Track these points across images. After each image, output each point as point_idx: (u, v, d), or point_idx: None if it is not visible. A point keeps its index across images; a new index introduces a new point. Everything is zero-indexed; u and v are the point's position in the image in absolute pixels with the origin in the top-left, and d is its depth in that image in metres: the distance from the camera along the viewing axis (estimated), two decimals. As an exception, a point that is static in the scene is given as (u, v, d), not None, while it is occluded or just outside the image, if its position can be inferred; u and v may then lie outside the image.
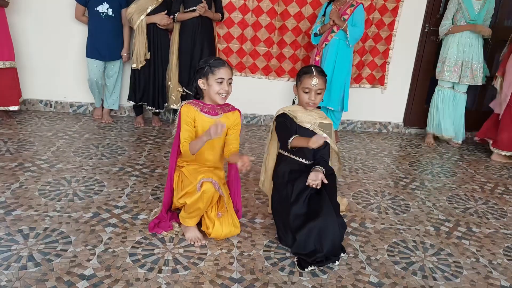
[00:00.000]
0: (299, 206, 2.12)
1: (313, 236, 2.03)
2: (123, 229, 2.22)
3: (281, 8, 4.00)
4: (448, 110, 4.12)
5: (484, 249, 2.37)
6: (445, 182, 3.30)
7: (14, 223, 2.19)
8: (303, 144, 2.09)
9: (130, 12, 3.63)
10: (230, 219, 2.20)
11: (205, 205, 2.08)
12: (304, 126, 2.23)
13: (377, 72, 4.34)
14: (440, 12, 4.22)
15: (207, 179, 2.04)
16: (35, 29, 3.94)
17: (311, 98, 2.22)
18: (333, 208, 2.08)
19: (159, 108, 3.95)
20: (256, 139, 3.94)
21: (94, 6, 3.65)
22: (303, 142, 2.08)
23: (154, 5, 3.64)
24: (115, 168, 2.99)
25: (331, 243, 2.02)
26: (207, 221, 2.17)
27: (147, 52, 3.74)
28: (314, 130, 2.22)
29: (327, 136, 2.15)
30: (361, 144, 4.10)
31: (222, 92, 2.11)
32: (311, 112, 2.28)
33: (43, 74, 4.07)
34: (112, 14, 3.70)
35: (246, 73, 4.21)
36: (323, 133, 2.20)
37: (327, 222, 2.03)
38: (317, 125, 2.24)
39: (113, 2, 3.69)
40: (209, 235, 2.18)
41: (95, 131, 3.73)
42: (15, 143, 3.26)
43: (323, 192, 2.13)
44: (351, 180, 3.16)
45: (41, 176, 2.75)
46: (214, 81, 2.10)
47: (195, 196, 2.04)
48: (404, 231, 2.48)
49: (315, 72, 2.21)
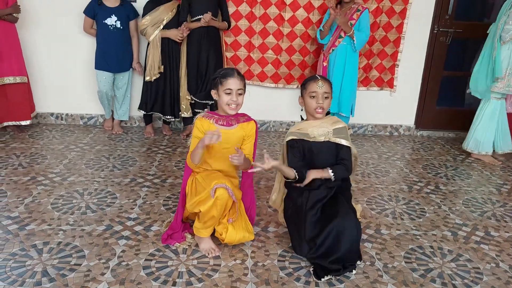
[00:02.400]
0: (313, 214, 2.09)
1: (331, 237, 1.99)
2: (136, 241, 2.21)
3: (288, 14, 3.99)
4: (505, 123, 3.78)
5: (504, 253, 2.31)
6: (460, 185, 3.25)
7: (28, 238, 2.19)
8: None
9: (145, 23, 3.65)
10: (243, 224, 2.19)
11: (219, 212, 2.06)
12: (318, 140, 2.17)
13: (385, 75, 4.30)
14: (448, 13, 4.17)
15: (221, 185, 2.01)
16: (44, 43, 3.98)
17: (318, 102, 2.15)
18: (351, 210, 2.05)
19: (174, 117, 3.97)
20: (266, 145, 3.92)
21: (102, 19, 3.68)
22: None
23: (170, 17, 3.66)
24: (127, 179, 2.99)
25: (349, 244, 1.98)
26: (220, 227, 2.15)
27: (161, 66, 3.77)
28: (330, 140, 2.17)
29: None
30: (373, 148, 4.05)
31: (231, 103, 2.10)
32: (323, 122, 2.20)
33: (54, 87, 4.11)
34: (120, 26, 3.73)
35: (254, 81, 4.20)
36: (339, 141, 2.16)
37: (345, 223, 1.99)
38: (332, 134, 2.17)
39: (121, 15, 3.71)
40: (222, 240, 2.16)
41: (106, 142, 3.75)
42: (28, 157, 3.28)
43: (339, 197, 2.11)
44: (364, 185, 3.12)
45: (54, 189, 2.76)
46: (223, 92, 2.09)
47: (209, 203, 2.01)
48: (421, 237, 2.44)
49: (319, 77, 2.18)
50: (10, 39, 3.59)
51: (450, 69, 4.50)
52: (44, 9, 3.89)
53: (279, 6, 3.97)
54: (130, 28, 3.80)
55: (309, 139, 2.17)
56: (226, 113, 2.15)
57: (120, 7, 3.71)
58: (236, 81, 2.09)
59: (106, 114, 4.08)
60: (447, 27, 4.22)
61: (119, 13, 3.71)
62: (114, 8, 3.69)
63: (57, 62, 4.04)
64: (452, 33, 4.23)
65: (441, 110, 4.56)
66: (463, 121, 4.44)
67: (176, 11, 3.71)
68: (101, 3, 3.66)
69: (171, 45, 3.78)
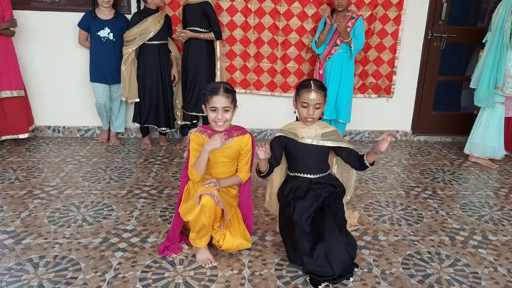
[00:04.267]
0: (302, 225, 2.08)
1: (320, 260, 1.97)
2: (133, 253, 2.21)
3: (282, 23, 4.01)
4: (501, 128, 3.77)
5: (502, 257, 2.31)
6: (457, 190, 3.24)
7: (23, 252, 2.18)
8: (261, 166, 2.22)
9: (132, 35, 3.66)
10: (241, 231, 2.19)
11: (208, 220, 2.01)
12: (305, 142, 2.21)
13: (383, 82, 4.32)
14: (442, 18, 4.20)
15: (206, 192, 1.98)
16: (41, 57, 4.00)
17: (309, 113, 2.18)
18: (336, 227, 2.03)
19: (169, 127, 3.98)
20: (263, 154, 3.92)
21: (96, 31, 3.70)
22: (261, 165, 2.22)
23: (158, 28, 3.68)
24: (124, 191, 2.98)
25: (341, 264, 1.97)
26: (218, 234, 2.14)
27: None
28: (318, 143, 2.20)
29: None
30: (370, 154, 4.05)
31: (217, 120, 2.10)
32: (313, 125, 2.26)
33: (51, 100, 4.12)
34: (113, 38, 3.74)
35: (251, 90, 4.22)
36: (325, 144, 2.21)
37: (332, 244, 1.97)
38: (320, 136, 2.22)
39: (114, 27, 3.73)
40: (219, 247, 2.16)
41: (102, 154, 3.75)
42: (24, 171, 3.28)
43: (326, 211, 2.10)
44: (361, 192, 3.12)
45: (50, 203, 2.76)
46: (209, 109, 2.11)
47: (196, 211, 1.98)
48: (419, 242, 2.43)
49: (313, 87, 2.17)
50: (8, 53, 3.61)
51: (445, 74, 4.52)
52: (40, 23, 3.91)
53: (273, 15, 3.99)
54: (124, 40, 3.82)
55: (297, 139, 2.22)
56: (214, 130, 2.15)
57: (113, 19, 3.73)
58: (221, 99, 2.07)
59: (103, 125, 4.09)
60: (440, 32, 4.25)
61: (112, 25, 3.73)
62: (108, 20, 3.71)
63: (54, 75, 4.05)
64: (446, 38, 4.25)
65: (437, 114, 4.57)
66: (460, 125, 4.47)
67: (163, 21, 3.72)
68: (95, 16, 3.68)
69: (162, 56, 3.79)
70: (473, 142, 3.80)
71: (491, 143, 3.71)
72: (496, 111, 3.65)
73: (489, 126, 3.69)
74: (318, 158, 2.26)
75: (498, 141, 3.71)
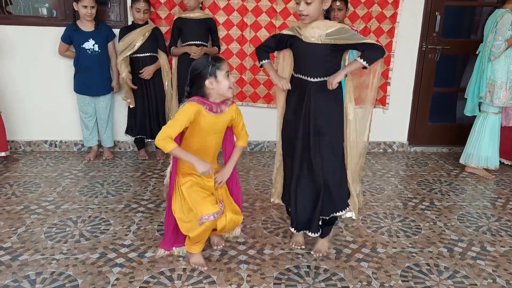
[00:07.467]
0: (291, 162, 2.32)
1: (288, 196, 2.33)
2: (130, 269, 2.19)
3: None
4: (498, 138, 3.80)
5: (501, 268, 2.31)
6: (455, 200, 3.25)
7: (20, 268, 2.17)
8: (271, 75, 2.32)
9: (121, 48, 3.70)
10: (230, 206, 2.24)
11: (208, 233, 2.18)
12: (309, 41, 2.13)
13: (378, 93, 4.35)
14: (436, 30, 4.25)
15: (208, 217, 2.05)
16: (26, 72, 3.97)
17: (299, 9, 2.08)
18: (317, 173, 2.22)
19: None
20: (260, 166, 3.92)
21: (80, 44, 3.69)
22: (271, 74, 2.31)
23: (142, 41, 3.70)
24: (121, 205, 2.97)
25: (302, 209, 2.27)
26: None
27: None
28: (323, 43, 2.11)
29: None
30: (367, 165, 4.06)
31: (231, 85, 2.13)
32: (318, 24, 2.12)
33: (45, 114, 4.10)
34: (98, 49, 3.74)
35: (247, 102, 4.24)
36: (330, 42, 2.11)
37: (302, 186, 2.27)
38: (324, 36, 2.10)
39: (98, 38, 3.73)
40: (214, 231, 2.26)
41: (100, 168, 3.74)
42: (21, 186, 3.27)
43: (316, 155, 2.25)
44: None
45: (47, 218, 2.74)
46: (223, 76, 2.08)
47: (197, 231, 2.10)
48: (417, 254, 2.43)
49: None
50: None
51: (440, 85, 4.56)
52: (20, 39, 3.89)
53: (269, 28, 4.03)
54: (108, 50, 3.83)
55: (301, 37, 2.17)
56: (225, 97, 2.14)
57: (96, 30, 3.72)
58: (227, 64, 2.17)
59: (84, 140, 4.02)
60: (435, 44, 4.29)
61: (96, 36, 3.72)
62: (91, 32, 3.70)
63: (44, 89, 4.03)
64: (440, 50, 4.30)
65: (433, 125, 4.60)
66: (456, 135, 4.50)
67: (148, 35, 3.72)
68: (76, 28, 3.68)
69: None
70: (468, 152, 3.84)
71: (485, 153, 3.74)
72: (488, 121, 3.69)
73: (482, 136, 3.73)
74: (322, 60, 2.17)
75: (492, 150, 3.74)
